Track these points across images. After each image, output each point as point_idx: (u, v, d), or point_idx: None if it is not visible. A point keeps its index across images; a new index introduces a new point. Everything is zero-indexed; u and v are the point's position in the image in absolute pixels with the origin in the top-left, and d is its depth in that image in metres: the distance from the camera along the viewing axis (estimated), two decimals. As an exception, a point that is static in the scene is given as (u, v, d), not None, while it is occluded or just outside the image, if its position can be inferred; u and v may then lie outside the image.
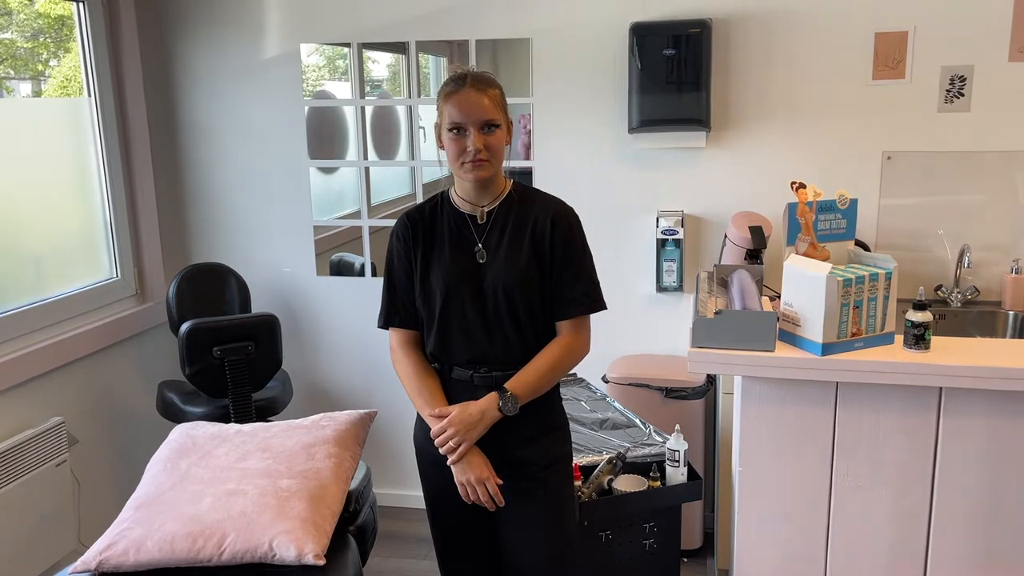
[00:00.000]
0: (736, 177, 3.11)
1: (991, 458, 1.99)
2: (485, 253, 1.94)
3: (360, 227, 3.45)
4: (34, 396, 2.85)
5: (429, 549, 3.30)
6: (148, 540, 2.02)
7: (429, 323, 1.97)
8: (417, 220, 1.99)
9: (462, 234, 1.96)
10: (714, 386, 3.05)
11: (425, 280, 1.96)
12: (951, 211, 2.97)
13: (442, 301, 1.93)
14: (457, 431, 1.87)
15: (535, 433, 1.97)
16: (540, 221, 1.94)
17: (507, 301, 1.91)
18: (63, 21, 3.14)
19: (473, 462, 1.89)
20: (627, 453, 2.63)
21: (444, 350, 1.96)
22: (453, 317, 1.93)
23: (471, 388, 1.95)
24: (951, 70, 2.89)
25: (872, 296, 1.98)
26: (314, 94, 3.40)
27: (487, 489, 1.88)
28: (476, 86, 1.87)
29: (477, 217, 1.97)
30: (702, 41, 2.92)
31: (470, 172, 1.88)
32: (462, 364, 1.95)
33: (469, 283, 1.92)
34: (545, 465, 1.98)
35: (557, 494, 2.01)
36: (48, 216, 3.11)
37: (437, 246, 1.97)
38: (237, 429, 2.38)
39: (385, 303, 2.03)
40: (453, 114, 1.86)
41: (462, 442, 1.87)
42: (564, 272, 1.93)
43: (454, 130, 1.86)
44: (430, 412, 1.93)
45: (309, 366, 3.60)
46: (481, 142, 1.85)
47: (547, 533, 1.99)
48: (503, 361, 1.94)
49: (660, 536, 2.59)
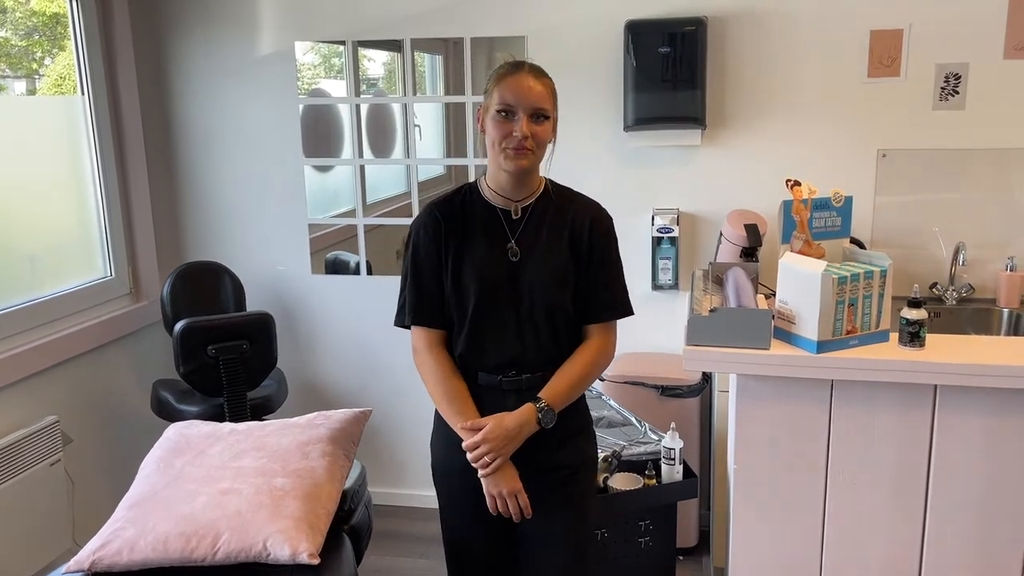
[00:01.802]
0: (731, 175, 3.11)
1: (986, 455, 1.99)
2: (519, 251, 1.85)
3: (355, 225, 3.45)
4: (28, 395, 2.84)
5: (425, 548, 3.29)
6: (141, 540, 2.01)
7: (460, 323, 1.86)
8: (448, 212, 1.87)
9: (496, 229, 1.86)
10: (710, 384, 3.04)
11: (457, 277, 1.86)
12: (946, 208, 2.97)
13: (476, 300, 1.83)
14: (493, 447, 1.79)
15: (564, 436, 1.90)
16: (579, 221, 1.88)
17: (544, 302, 1.84)
18: (57, 19, 3.13)
19: (505, 474, 1.82)
20: (623, 451, 2.63)
21: (476, 352, 1.87)
22: (487, 318, 1.84)
23: (499, 393, 1.86)
24: (946, 68, 2.89)
25: (867, 294, 1.98)
26: (309, 92, 3.39)
27: (517, 502, 1.82)
28: (533, 72, 1.81)
29: (512, 212, 1.88)
30: (697, 39, 2.92)
31: (511, 160, 1.79)
32: (491, 367, 1.87)
33: (504, 282, 1.84)
34: (575, 467, 1.93)
35: (583, 498, 1.96)
36: (42, 215, 3.10)
37: (469, 240, 1.86)
38: (231, 428, 2.37)
39: (411, 300, 1.89)
40: (506, 95, 1.77)
41: (497, 457, 1.79)
42: (600, 275, 1.89)
43: (503, 112, 1.78)
44: (463, 425, 1.83)
45: (304, 365, 3.60)
46: (529, 129, 1.77)
47: (570, 539, 1.94)
48: (532, 364, 1.86)
49: (656, 534, 2.59)
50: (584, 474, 1.97)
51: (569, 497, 1.93)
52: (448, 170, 3.42)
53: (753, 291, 2.27)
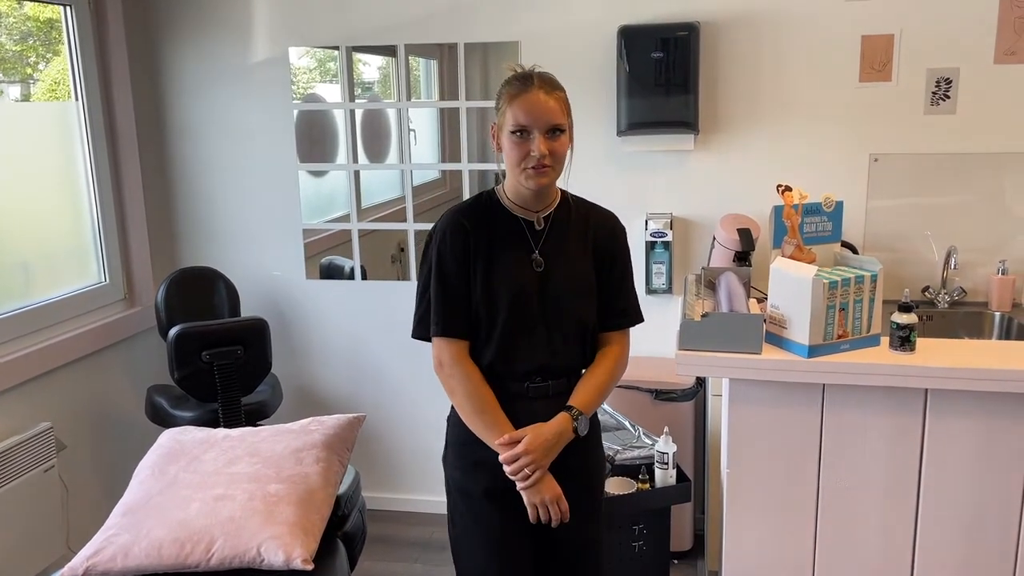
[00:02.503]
0: (724, 179, 3.12)
1: (977, 459, 2.00)
2: (542, 261, 1.86)
3: (350, 230, 3.45)
4: (22, 401, 2.84)
5: (419, 553, 3.30)
6: (135, 546, 2.01)
7: (489, 332, 1.86)
8: (474, 220, 1.87)
9: (520, 239, 1.87)
10: (704, 388, 3.05)
11: (487, 287, 1.84)
12: (938, 213, 2.99)
13: (508, 309, 1.83)
14: (534, 458, 1.80)
15: (589, 443, 1.95)
16: (601, 231, 1.91)
17: (572, 309, 1.87)
18: (52, 24, 3.13)
19: (546, 482, 1.83)
20: (616, 456, 2.64)
21: (506, 361, 1.86)
22: (518, 326, 1.84)
23: (526, 400, 1.87)
24: (937, 72, 2.91)
25: (858, 298, 1.99)
26: (304, 97, 3.40)
27: (559, 507, 1.85)
28: (543, 87, 1.78)
29: (535, 223, 1.88)
30: (690, 44, 2.93)
31: (532, 179, 1.79)
32: (519, 375, 1.87)
33: (534, 290, 1.85)
34: (600, 472, 2.04)
35: (602, 502, 2.05)
36: (36, 220, 3.10)
37: (496, 250, 1.85)
38: (225, 434, 2.38)
39: (438, 310, 1.86)
40: (519, 116, 1.76)
41: (538, 468, 1.80)
42: (620, 283, 1.93)
43: (518, 132, 1.77)
44: (500, 441, 1.82)
45: (299, 370, 3.60)
46: (546, 147, 1.76)
47: (599, 541, 2.03)
48: (559, 370, 1.89)
49: (650, 538, 2.60)
50: (603, 478, 2.08)
51: (596, 501, 2.01)
52: (443, 175, 3.43)
53: (746, 295, 2.28)
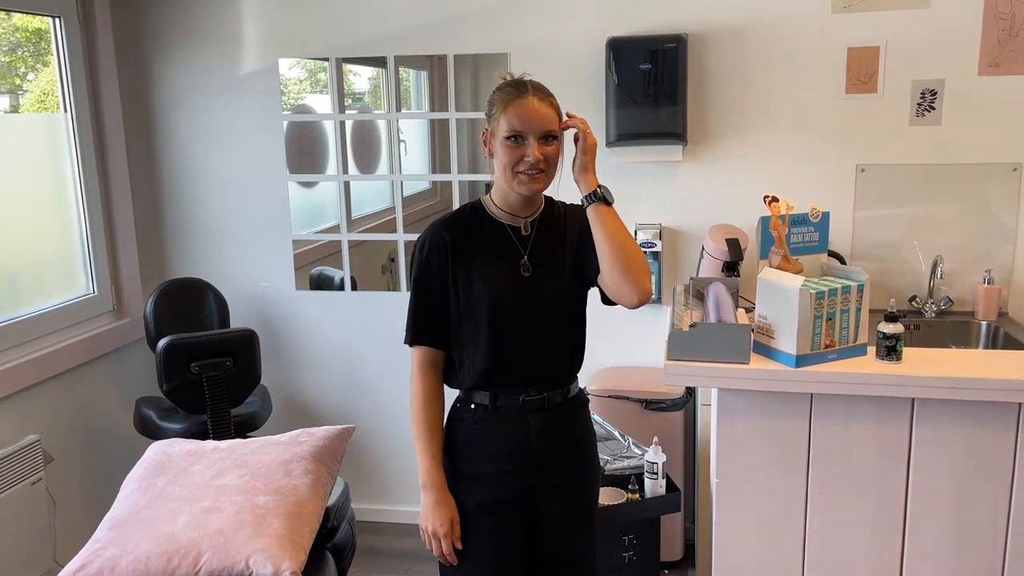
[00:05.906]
0: (713, 190, 3.14)
1: (963, 468, 2.01)
2: (531, 267, 1.88)
3: (340, 241, 3.45)
4: (9, 414, 2.83)
5: (409, 564, 3.28)
6: (123, 560, 2.00)
7: (475, 340, 1.87)
8: (455, 231, 1.88)
9: (505, 246, 1.88)
10: (693, 398, 3.06)
11: (468, 294, 1.86)
12: (924, 223, 3.01)
13: (493, 315, 1.85)
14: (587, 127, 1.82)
15: (584, 452, 2.00)
16: (575, 219, 1.92)
17: (560, 314, 1.89)
18: (41, 34, 3.13)
19: (442, 514, 1.88)
20: (606, 466, 2.64)
21: (500, 367, 1.87)
22: (508, 332, 1.86)
23: (520, 415, 1.89)
24: (922, 84, 2.94)
25: (844, 308, 2.00)
26: (294, 108, 3.40)
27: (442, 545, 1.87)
28: (537, 94, 1.80)
29: (521, 229, 1.90)
30: (678, 56, 2.95)
31: (525, 184, 1.80)
32: (513, 385, 1.88)
33: (519, 297, 1.86)
34: (594, 483, 2.06)
35: (595, 513, 2.07)
36: (24, 232, 3.09)
37: (479, 258, 1.87)
38: (214, 446, 2.37)
39: (410, 319, 1.91)
40: (513, 122, 1.78)
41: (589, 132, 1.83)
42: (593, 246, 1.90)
43: (512, 138, 1.79)
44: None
45: (288, 381, 3.59)
46: (541, 153, 1.78)
47: (593, 552, 2.05)
48: (551, 380, 1.91)
49: (640, 548, 2.60)
50: (598, 491, 2.09)
51: (591, 514, 2.02)
52: (433, 185, 3.44)
53: (734, 305, 2.29)
